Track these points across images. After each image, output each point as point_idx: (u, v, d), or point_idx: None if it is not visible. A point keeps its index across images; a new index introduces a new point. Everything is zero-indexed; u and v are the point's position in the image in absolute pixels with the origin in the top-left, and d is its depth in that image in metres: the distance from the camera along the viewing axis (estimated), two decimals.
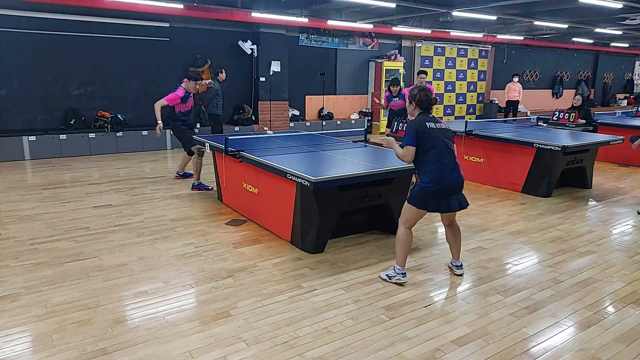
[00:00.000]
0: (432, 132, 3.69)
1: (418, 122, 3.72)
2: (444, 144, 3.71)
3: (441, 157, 3.68)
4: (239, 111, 11.22)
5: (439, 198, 3.70)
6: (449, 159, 3.71)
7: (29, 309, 3.38)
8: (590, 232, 5.27)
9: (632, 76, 21.89)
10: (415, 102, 3.83)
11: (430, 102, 3.81)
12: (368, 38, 13.20)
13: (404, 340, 3.07)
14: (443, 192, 3.70)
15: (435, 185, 3.66)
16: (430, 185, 3.67)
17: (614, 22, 11.92)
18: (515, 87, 14.30)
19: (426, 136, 3.67)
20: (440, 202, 3.72)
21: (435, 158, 3.67)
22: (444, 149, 3.70)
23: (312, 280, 3.92)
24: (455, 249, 4.10)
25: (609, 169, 8.72)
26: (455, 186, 3.74)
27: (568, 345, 3.05)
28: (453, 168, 3.72)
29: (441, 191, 3.69)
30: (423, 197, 3.71)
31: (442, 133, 3.73)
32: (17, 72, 8.87)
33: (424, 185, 3.69)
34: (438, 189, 3.67)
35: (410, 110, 3.91)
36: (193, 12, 9.42)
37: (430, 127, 3.70)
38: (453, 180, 3.71)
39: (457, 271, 4.08)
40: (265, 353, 2.90)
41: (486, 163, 7.34)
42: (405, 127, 3.75)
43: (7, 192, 6.49)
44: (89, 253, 4.42)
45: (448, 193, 3.72)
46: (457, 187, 3.76)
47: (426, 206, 3.72)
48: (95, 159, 9.03)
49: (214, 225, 5.27)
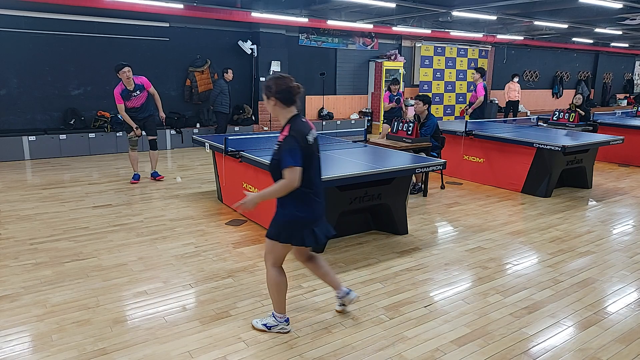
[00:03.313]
0: (312, 148, 2.86)
1: (301, 135, 2.80)
2: (318, 160, 2.97)
3: (316, 177, 2.93)
4: (239, 111, 11.22)
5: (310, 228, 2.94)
6: (320, 180, 3.01)
7: (28, 308, 3.38)
8: (590, 232, 5.27)
9: (632, 76, 21.88)
10: (275, 97, 2.86)
11: (298, 93, 2.88)
12: (368, 38, 13.19)
13: (403, 340, 3.07)
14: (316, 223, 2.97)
15: (312, 213, 2.91)
16: (307, 214, 2.90)
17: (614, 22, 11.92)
18: (515, 87, 14.30)
19: (306, 152, 2.81)
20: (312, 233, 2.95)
21: (312, 179, 2.89)
22: (318, 168, 2.98)
23: (312, 280, 3.91)
24: (330, 278, 3.33)
25: (608, 169, 8.72)
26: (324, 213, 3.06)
27: (568, 345, 3.05)
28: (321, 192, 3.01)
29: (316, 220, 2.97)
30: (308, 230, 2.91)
31: (317, 145, 2.96)
32: (17, 72, 8.87)
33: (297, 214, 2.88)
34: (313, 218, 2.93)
35: (270, 109, 2.92)
36: (193, 12, 9.41)
37: (311, 142, 2.86)
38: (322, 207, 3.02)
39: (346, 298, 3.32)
40: (265, 353, 2.90)
41: (486, 163, 7.33)
42: (284, 141, 2.80)
43: (7, 192, 6.48)
44: (88, 253, 4.42)
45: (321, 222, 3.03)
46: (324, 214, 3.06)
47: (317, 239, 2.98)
48: (95, 159, 9.02)
49: (213, 225, 5.27)
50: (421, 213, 5.87)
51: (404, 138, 6.56)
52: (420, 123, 6.76)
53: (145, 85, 6.82)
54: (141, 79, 6.80)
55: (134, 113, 6.82)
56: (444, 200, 6.48)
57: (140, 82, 6.78)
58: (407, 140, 6.50)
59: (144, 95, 6.84)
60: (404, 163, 4.91)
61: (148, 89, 6.86)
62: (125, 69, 6.54)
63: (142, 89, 6.79)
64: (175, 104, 10.36)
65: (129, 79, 6.60)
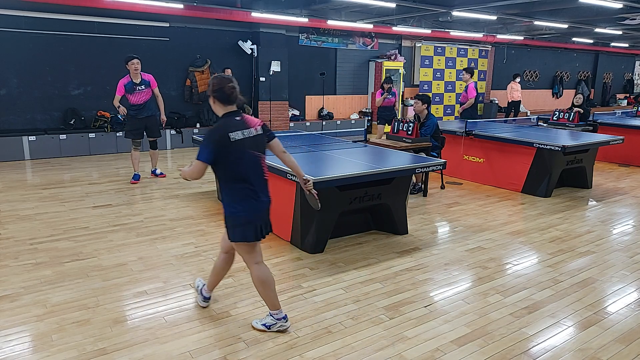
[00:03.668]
0: (238, 145, 2.89)
1: (220, 133, 2.88)
2: (254, 158, 2.98)
3: (251, 176, 2.96)
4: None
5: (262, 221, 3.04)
6: (259, 179, 3.01)
7: (28, 308, 3.38)
8: (589, 232, 5.27)
9: (632, 76, 21.88)
10: (213, 95, 2.97)
11: (232, 94, 2.95)
12: (368, 38, 13.19)
13: (403, 340, 3.07)
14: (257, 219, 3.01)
15: (250, 211, 2.97)
16: (245, 213, 2.96)
17: (614, 22, 11.92)
18: (517, 87, 14.30)
19: (228, 150, 2.88)
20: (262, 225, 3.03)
21: (244, 177, 2.94)
22: (254, 166, 2.99)
23: (312, 280, 3.91)
24: (217, 279, 3.41)
25: (608, 169, 8.72)
26: (266, 209, 3.07)
27: (568, 345, 3.05)
28: (264, 188, 3.05)
29: (261, 217, 3.03)
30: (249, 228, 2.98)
31: (253, 144, 2.97)
32: (17, 72, 8.87)
33: (237, 213, 2.96)
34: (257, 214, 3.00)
35: (213, 107, 3.04)
36: (193, 12, 9.41)
37: (234, 140, 2.88)
38: (265, 202, 3.05)
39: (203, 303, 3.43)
40: (265, 353, 2.90)
41: (486, 163, 7.34)
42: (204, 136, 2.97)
43: (7, 192, 6.48)
44: (88, 253, 4.42)
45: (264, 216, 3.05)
46: (267, 209, 3.08)
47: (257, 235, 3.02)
48: (95, 158, 9.02)
49: (213, 225, 5.27)
50: (421, 213, 5.87)
51: (404, 138, 6.56)
52: (420, 123, 6.76)
53: (151, 83, 6.86)
54: (149, 76, 6.86)
55: (135, 111, 6.83)
56: (444, 200, 6.48)
57: (147, 79, 6.84)
58: (407, 140, 6.50)
59: (148, 92, 6.86)
60: (404, 163, 4.91)
61: (153, 88, 6.89)
62: (134, 61, 6.64)
63: (147, 85, 6.82)
64: (175, 104, 10.36)
65: (137, 71, 6.68)
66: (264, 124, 3.14)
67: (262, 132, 3.07)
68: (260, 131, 3.06)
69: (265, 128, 3.13)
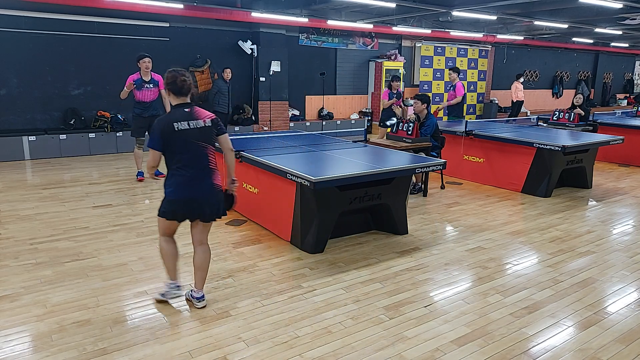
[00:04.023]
0: (181, 134, 3.14)
1: (165, 122, 3.15)
2: (196, 148, 3.19)
3: (190, 164, 3.18)
4: (239, 111, 11.22)
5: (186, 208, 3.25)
6: (199, 168, 3.22)
7: (28, 308, 3.38)
8: (590, 232, 5.27)
9: (632, 76, 21.88)
10: (166, 88, 3.26)
11: (183, 86, 3.21)
12: (368, 38, 13.19)
13: (403, 340, 3.07)
14: (188, 204, 3.23)
15: (176, 195, 3.20)
16: (171, 195, 3.22)
17: (614, 22, 11.92)
18: (520, 87, 14.29)
19: (172, 138, 3.13)
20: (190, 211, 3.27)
21: (183, 164, 3.18)
22: (195, 156, 3.20)
23: (312, 280, 3.91)
24: (200, 275, 3.44)
25: (608, 169, 8.72)
26: (203, 198, 3.26)
27: (568, 345, 3.05)
28: (203, 178, 3.24)
29: (186, 203, 3.23)
30: (168, 207, 3.24)
31: (197, 134, 3.20)
32: (17, 72, 8.87)
33: (166, 193, 3.24)
34: (180, 199, 3.21)
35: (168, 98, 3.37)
36: (193, 12, 9.41)
37: (179, 129, 3.14)
38: (201, 191, 3.24)
39: (198, 304, 3.42)
40: (265, 353, 2.90)
41: (486, 163, 7.34)
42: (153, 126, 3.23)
43: (7, 192, 6.49)
44: (88, 253, 4.42)
45: (193, 204, 3.24)
46: (205, 199, 3.27)
47: (174, 216, 3.26)
48: (95, 159, 9.02)
49: (213, 225, 5.23)
50: (421, 213, 5.87)
51: (404, 138, 6.56)
52: (419, 123, 6.76)
53: (160, 83, 6.91)
54: (158, 77, 6.92)
55: (141, 109, 6.90)
56: (444, 200, 6.48)
57: (157, 79, 6.91)
58: (407, 140, 6.50)
59: (156, 92, 6.93)
60: (404, 163, 4.91)
61: (161, 88, 6.93)
62: (146, 59, 6.75)
63: (155, 85, 6.89)
64: None
65: (148, 69, 6.77)
66: (214, 119, 3.37)
67: (210, 124, 3.31)
68: (209, 124, 3.30)
69: (214, 122, 3.35)
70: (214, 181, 3.31)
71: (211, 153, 3.31)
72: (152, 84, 6.85)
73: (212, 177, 3.31)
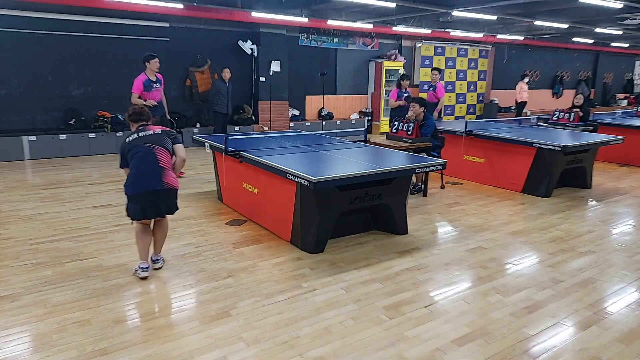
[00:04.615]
0: (133, 143, 3.76)
1: (123, 144, 3.81)
2: (145, 149, 3.71)
3: (139, 162, 3.70)
4: (239, 111, 11.23)
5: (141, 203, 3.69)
6: (147, 164, 3.69)
7: (29, 309, 3.38)
8: (590, 232, 5.27)
9: (632, 76, 21.88)
10: (129, 120, 3.95)
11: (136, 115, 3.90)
12: (368, 38, 13.20)
13: (404, 340, 3.07)
14: (141, 198, 3.69)
15: (130, 190, 3.70)
16: (127, 191, 3.72)
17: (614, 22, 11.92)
18: (525, 87, 14.28)
19: (127, 149, 3.76)
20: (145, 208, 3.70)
21: (134, 163, 3.71)
22: (144, 155, 3.70)
23: (312, 280, 3.92)
24: (159, 244, 4.07)
25: (609, 169, 8.72)
26: (154, 192, 3.69)
27: (568, 345, 3.05)
28: (152, 173, 3.69)
29: (139, 197, 3.69)
30: (132, 207, 3.73)
31: (146, 139, 3.76)
32: (17, 72, 8.87)
33: (125, 193, 3.74)
34: (134, 194, 3.69)
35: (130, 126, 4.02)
36: (193, 12, 9.42)
37: (129, 141, 3.77)
38: (150, 185, 3.67)
39: (156, 265, 4.04)
40: (265, 353, 2.90)
41: (486, 163, 7.34)
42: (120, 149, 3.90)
43: (7, 192, 6.49)
44: (89, 253, 4.42)
45: (148, 198, 3.69)
46: (156, 193, 3.70)
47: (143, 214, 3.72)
48: (95, 159, 9.03)
49: (214, 225, 5.27)
50: (421, 213, 5.87)
51: (404, 138, 6.57)
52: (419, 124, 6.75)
53: (162, 81, 6.99)
54: (159, 75, 7.00)
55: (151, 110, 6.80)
56: (444, 200, 6.48)
57: (160, 78, 6.99)
58: (407, 140, 6.50)
59: (161, 91, 6.97)
60: (404, 163, 4.91)
61: (162, 87, 7.01)
62: (156, 59, 6.80)
63: (160, 84, 6.95)
64: (175, 104, 10.34)
65: (157, 69, 6.84)
66: (166, 130, 3.92)
67: (160, 132, 3.85)
68: (158, 132, 3.86)
69: (165, 132, 3.90)
70: (163, 179, 3.71)
71: (160, 153, 3.75)
72: (158, 83, 6.91)
73: (162, 175, 3.72)
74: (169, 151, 3.83)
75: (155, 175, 3.69)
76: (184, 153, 3.95)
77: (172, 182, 3.79)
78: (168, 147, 3.83)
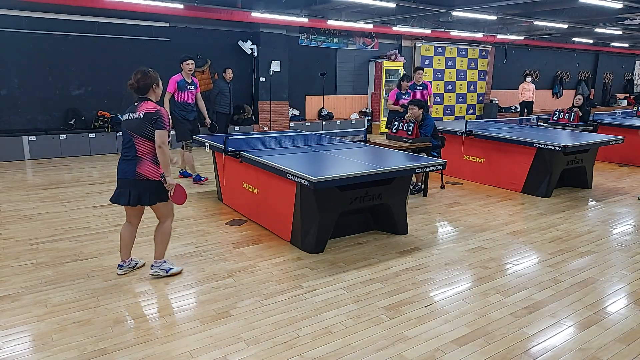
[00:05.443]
0: (123, 125, 3.76)
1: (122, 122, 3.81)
2: (128, 137, 3.71)
3: (122, 148, 3.77)
4: (239, 111, 11.23)
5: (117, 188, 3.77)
6: (127, 151, 3.72)
7: (29, 308, 3.39)
8: (590, 232, 5.27)
9: (632, 76, 21.88)
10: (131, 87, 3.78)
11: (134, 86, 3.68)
12: (368, 38, 13.19)
13: (404, 340, 3.07)
14: (118, 183, 3.77)
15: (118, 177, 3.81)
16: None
17: (614, 22, 11.92)
18: (529, 87, 14.26)
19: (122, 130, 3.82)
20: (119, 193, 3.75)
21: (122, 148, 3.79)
22: (126, 142, 3.73)
23: (312, 280, 3.92)
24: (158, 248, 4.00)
25: (609, 169, 8.73)
26: (126, 180, 3.71)
27: (568, 345, 3.05)
28: (128, 161, 3.70)
29: (118, 181, 3.78)
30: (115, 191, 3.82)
31: (130, 125, 3.69)
32: (18, 72, 8.87)
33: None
34: (117, 177, 3.79)
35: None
36: (193, 12, 9.42)
37: (123, 121, 3.77)
38: (124, 172, 3.72)
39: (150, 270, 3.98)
40: (265, 353, 2.91)
41: (486, 163, 7.34)
42: None
43: (8, 192, 6.49)
44: (89, 253, 4.43)
45: (121, 185, 3.75)
46: (128, 181, 3.70)
47: (116, 199, 3.76)
48: (96, 159, 9.03)
49: (214, 225, 5.27)
50: (421, 213, 5.87)
51: (404, 138, 6.57)
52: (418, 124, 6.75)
53: (197, 85, 7.05)
54: (196, 79, 7.07)
55: (184, 111, 6.95)
56: (444, 200, 6.48)
57: (196, 82, 7.06)
58: (407, 140, 6.50)
59: (195, 94, 7.02)
60: (404, 163, 4.91)
61: (197, 91, 7.06)
62: (189, 61, 6.87)
63: (195, 86, 7.01)
64: None
65: (191, 71, 6.90)
66: (149, 113, 3.62)
67: (142, 117, 3.62)
68: (141, 116, 3.63)
69: (147, 115, 3.61)
70: (137, 169, 3.67)
71: (140, 143, 3.67)
72: (193, 85, 6.97)
73: (137, 165, 3.67)
74: (150, 139, 3.66)
75: (130, 164, 3.69)
76: (159, 140, 3.64)
77: (147, 172, 3.68)
78: (149, 136, 3.64)
